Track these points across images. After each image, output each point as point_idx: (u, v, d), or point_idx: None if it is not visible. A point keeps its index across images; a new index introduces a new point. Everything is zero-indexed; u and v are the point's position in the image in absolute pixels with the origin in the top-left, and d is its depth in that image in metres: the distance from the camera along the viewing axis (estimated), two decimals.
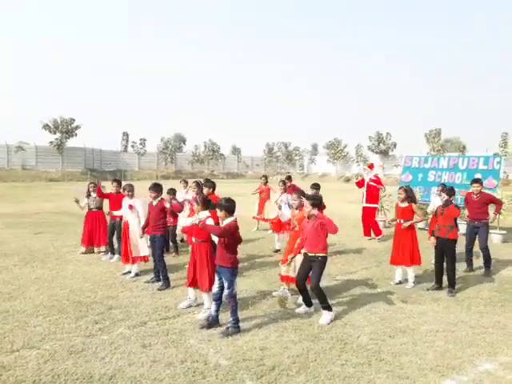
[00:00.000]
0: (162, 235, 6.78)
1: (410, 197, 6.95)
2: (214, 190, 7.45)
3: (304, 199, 5.83)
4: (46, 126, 42.44)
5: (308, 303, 5.61)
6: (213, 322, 5.02)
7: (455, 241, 6.64)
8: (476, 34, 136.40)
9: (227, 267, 4.89)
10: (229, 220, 4.93)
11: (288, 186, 9.58)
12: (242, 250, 8.86)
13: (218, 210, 5.01)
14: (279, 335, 4.83)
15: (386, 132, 50.22)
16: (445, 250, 6.58)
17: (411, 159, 12.98)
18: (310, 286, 5.43)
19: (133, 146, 50.29)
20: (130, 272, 7.21)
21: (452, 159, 12.11)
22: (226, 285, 4.92)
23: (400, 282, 6.96)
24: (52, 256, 8.57)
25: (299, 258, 6.00)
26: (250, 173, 57.41)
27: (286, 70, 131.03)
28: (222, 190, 9.80)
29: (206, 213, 5.38)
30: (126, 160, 49.99)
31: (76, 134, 44.05)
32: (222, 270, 4.94)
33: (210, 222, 5.28)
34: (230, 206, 4.95)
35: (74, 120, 43.75)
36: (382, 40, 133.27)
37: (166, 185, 8.43)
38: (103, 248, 8.92)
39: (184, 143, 65.84)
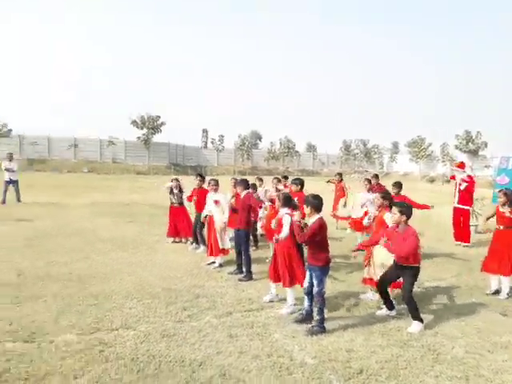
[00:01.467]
0: (246, 229, 6.92)
1: (510, 200, 6.35)
2: (302, 187, 7.48)
3: (393, 207, 5.51)
4: (134, 122, 45.32)
5: (389, 306, 5.39)
6: (307, 317, 5.04)
7: None
8: None
9: (317, 265, 4.88)
10: (315, 218, 4.90)
11: (375, 185, 9.29)
12: None
13: (304, 207, 5.05)
14: (365, 339, 4.68)
15: (476, 130, 46.60)
16: None
17: (507, 160, 11.88)
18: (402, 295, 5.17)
19: (212, 143, 52.01)
20: (214, 262, 7.46)
21: None
22: (315, 283, 4.89)
23: (497, 292, 6.40)
24: (142, 244, 9.14)
25: (378, 260, 5.77)
26: (325, 170, 56.56)
27: (360, 66, 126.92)
28: None
29: (286, 210, 5.44)
30: (206, 156, 51.86)
31: (161, 131, 46.49)
32: (312, 268, 4.93)
33: (288, 220, 5.34)
34: (316, 203, 4.93)
35: (159, 117, 46.22)
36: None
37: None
38: (185, 240, 9.33)
39: (260, 140, 66.69)
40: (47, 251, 8.06)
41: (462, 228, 10.28)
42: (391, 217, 5.23)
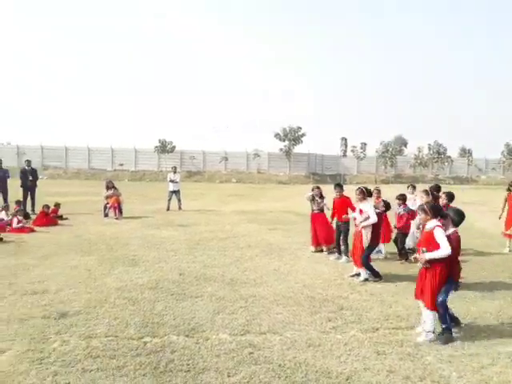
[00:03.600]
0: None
1: None
2: (451, 200, 6.96)
3: None
4: (277, 135, 47.47)
5: None
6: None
7: None
8: None
9: None
10: (449, 231, 4.89)
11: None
12: (484, 269, 7.89)
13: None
14: None
15: None
16: None
17: None
18: None
19: (353, 151, 50.99)
20: (358, 275, 7.25)
21: None
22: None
23: None
24: (285, 251, 9.41)
25: None
26: (483, 178, 50.35)
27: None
28: None
29: (435, 222, 5.02)
30: (346, 164, 51.10)
31: (302, 141, 47.69)
32: None
33: (439, 231, 4.89)
34: (453, 219, 4.99)
35: (300, 128, 47.46)
36: None
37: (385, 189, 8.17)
38: (326, 248, 9.27)
39: (405, 146, 62.92)
40: (203, 254, 8.90)
41: None
42: None
